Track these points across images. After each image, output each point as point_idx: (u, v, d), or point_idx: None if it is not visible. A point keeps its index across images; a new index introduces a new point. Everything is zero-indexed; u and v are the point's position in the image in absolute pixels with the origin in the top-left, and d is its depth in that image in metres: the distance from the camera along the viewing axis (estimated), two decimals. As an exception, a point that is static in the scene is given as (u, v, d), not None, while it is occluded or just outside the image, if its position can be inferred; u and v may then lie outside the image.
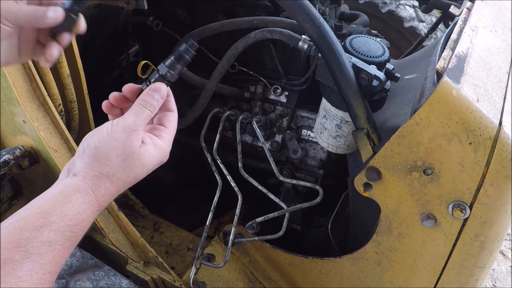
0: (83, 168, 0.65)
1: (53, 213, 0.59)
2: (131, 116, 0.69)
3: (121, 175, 0.66)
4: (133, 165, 0.67)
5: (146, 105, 0.71)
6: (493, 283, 2.32)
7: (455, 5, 1.36)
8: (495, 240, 0.96)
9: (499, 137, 0.82)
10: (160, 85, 0.74)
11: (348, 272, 1.22)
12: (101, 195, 0.64)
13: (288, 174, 1.42)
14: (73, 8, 0.74)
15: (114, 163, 0.65)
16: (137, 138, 0.67)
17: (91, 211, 0.63)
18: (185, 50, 0.78)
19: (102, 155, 0.65)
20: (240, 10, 1.42)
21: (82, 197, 0.62)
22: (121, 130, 0.67)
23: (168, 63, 0.78)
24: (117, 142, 0.66)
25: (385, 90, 0.99)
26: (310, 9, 0.90)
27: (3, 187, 1.29)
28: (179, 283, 1.25)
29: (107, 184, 0.65)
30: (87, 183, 0.64)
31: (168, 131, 0.74)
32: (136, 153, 0.67)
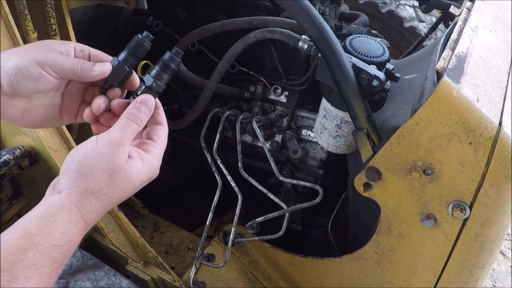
0: (68, 184, 0.62)
1: (38, 234, 0.56)
2: (117, 130, 0.65)
3: (107, 191, 0.63)
4: (120, 180, 0.64)
5: (133, 118, 0.67)
6: (493, 283, 2.32)
7: (455, 5, 1.36)
8: (495, 240, 0.96)
9: (499, 137, 0.82)
10: (147, 97, 0.70)
11: (348, 272, 1.22)
12: (86, 212, 0.61)
13: (288, 174, 1.42)
14: (129, 61, 0.72)
15: (100, 178, 0.62)
16: (123, 152, 0.64)
17: (77, 229, 0.60)
18: (170, 59, 0.73)
19: (86, 170, 0.62)
20: (240, 10, 1.42)
21: (67, 215, 0.59)
22: (106, 144, 0.64)
23: (154, 74, 0.73)
24: (102, 157, 0.63)
25: (385, 90, 0.99)
26: (310, 9, 0.90)
27: (3, 187, 1.29)
28: (179, 283, 1.25)
29: (93, 201, 0.62)
30: (72, 200, 0.61)
31: (157, 145, 0.70)
32: (123, 168, 0.63)
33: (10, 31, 1.04)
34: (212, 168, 1.33)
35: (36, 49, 0.68)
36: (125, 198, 0.67)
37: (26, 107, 0.70)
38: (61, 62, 0.68)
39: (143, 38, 0.72)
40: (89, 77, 0.69)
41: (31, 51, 0.67)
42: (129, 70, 0.72)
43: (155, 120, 0.73)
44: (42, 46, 0.69)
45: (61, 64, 0.68)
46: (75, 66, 0.68)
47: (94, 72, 0.69)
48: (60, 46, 0.69)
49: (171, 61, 0.73)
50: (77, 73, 0.69)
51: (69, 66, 0.68)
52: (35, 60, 0.66)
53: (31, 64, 0.66)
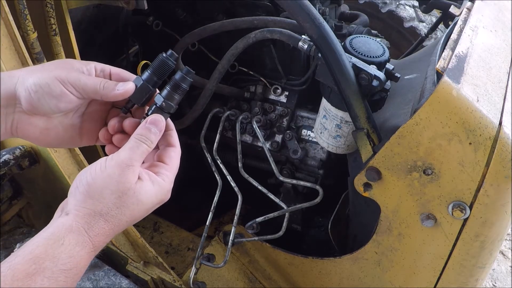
0: (75, 206, 0.61)
1: (45, 258, 0.55)
2: (126, 151, 0.64)
3: (115, 213, 0.61)
4: (129, 202, 0.62)
5: (142, 139, 0.66)
6: (493, 283, 2.32)
7: (455, 5, 1.36)
8: (495, 240, 0.96)
9: (499, 137, 0.82)
10: (157, 117, 0.68)
11: (348, 272, 1.22)
12: (94, 234, 0.60)
13: (288, 174, 1.42)
14: (152, 80, 0.70)
15: (108, 200, 0.61)
16: (132, 174, 0.62)
17: (85, 252, 0.59)
18: (181, 79, 0.71)
19: (95, 192, 0.61)
20: (240, 10, 1.42)
21: (75, 238, 0.58)
22: (115, 165, 0.62)
23: (165, 94, 0.70)
24: (111, 179, 0.61)
25: (385, 90, 0.99)
26: (310, 9, 0.90)
27: (3, 187, 1.29)
28: (179, 283, 1.25)
29: (101, 223, 0.60)
30: (80, 222, 0.59)
31: (168, 168, 0.68)
32: (132, 190, 0.62)
33: (10, 31, 1.04)
34: (212, 168, 1.33)
35: (58, 67, 0.67)
36: (135, 221, 0.65)
37: (45, 126, 0.69)
38: (83, 81, 0.67)
39: (168, 57, 0.71)
40: (112, 96, 0.68)
41: (52, 69, 0.66)
42: (153, 89, 0.71)
43: (167, 142, 0.71)
44: (64, 64, 0.69)
45: (83, 83, 0.67)
46: (97, 85, 0.67)
47: (116, 91, 0.68)
48: (82, 66, 0.69)
49: (182, 81, 0.71)
50: (99, 92, 0.68)
51: (91, 85, 0.67)
52: (57, 78, 0.65)
53: (52, 81, 0.65)
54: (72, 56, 1.25)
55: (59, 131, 0.70)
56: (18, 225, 1.37)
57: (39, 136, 0.69)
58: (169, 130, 0.72)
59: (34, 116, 0.67)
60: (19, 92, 0.65)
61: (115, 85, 0.68)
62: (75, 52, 1.26)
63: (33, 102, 0.65)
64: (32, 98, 0.65)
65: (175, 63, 0.72)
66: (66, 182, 1.17)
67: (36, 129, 0.68)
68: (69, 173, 1.18)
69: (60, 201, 0.71)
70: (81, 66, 0.69)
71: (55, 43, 1.16)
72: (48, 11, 1.13)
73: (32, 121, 0.67)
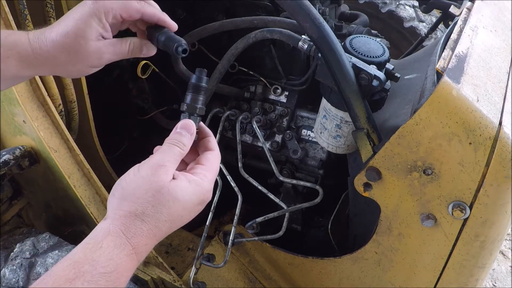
0: (112, 210, 0.61)
1: (84, 263, 0.54)
2: (158, 154, 0.65)
3: (151, 212, 0.61)
4: (164, 200, 0.61)
5: (174, 142, 0.67)
6: (493, 283, 2.32)
7: (455, 5, 1.36)
8: (495, 240, 0.96)
9: (499, 137, 0.82)
10: (187, 122, 0.71)
11: (348, 272, 1.22)
12: (132, 235, 0.59)
13: (288, 174, 1.42)
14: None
15: (142, 199, 0.61)
16: (165, 173, 0.63)
17: (125, 255, 0.57)
18: (197, 80, 0.75)
19: (129, 193, 0.61)
20: (240, 10, 1.42)
21: (113, 241, 0.57)
22: (147, 167, 0.63)
23: (188, 99, 0.75)
24: (144, 179, 0.62)
25: (385, 90, 0.99)
26: (310, 9, 0.90)
27: (3, 187, 1.29)
28: (179, 283, 1.25)
29: (138, 223, 0.60)
30: (117, 224, 0.59)
31: (205, 168, 0.69)
32: (165, 188, 0.62)
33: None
34: (217, 171, 1.33)
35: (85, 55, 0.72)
36: (177, 222, 0.64)
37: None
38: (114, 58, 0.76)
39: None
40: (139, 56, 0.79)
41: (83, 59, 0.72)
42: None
43: (205, 147, 0.73)
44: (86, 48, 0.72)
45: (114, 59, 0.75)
46: (124, 54, 0.76)
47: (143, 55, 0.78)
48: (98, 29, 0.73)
49: (199, 81, 0.75)
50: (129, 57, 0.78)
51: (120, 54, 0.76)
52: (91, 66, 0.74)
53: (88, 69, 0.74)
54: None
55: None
56: (18, 225, 1.37)
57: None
58: (207, 137, 0.74)
59: None
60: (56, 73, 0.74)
61: (141, 50, 0.77)
62: (75, 52, 1.26)
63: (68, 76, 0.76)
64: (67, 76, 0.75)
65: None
66: (66, 182, 1.17)
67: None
68: (69, 173, 1.18)
69: (60, 201, 0.71)
70: (98, 31, 0.72)
71: (55, 43, 1.16)
72: (48, 11, 1.13)
73: None
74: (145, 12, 0.75)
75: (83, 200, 1.19)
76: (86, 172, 1.22)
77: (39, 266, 1.11)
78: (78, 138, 1.36)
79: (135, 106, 1.68)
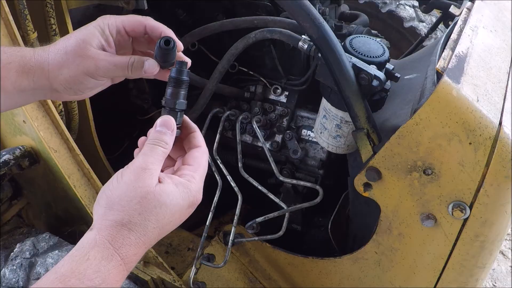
0: (97, 220, 0.59)
1: (71, 276, 0.52)
2: (140, 157, 0.62)
3: (138, 220, 0.58)
4: (150, 206, 0.59)
5: (155, 142, 0.64)
6: (493, 283, 2.32)
7: (455, 5, 1.36)
8: (495, 240, 0.96)
9: (499, 137, 0.82)
10: (165, 118, 0.67)
11: (348, 272, 1.22)
12: (119, 246, 0.56)
13: (288, 174, 1.42)
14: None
15: (128, 207, 0.58)
16: (150, 176, 0.60)
17: (113, 266, 0.55)
18: (177, 73, 0.70)
19: (114, 202, 0.58)
20: (240, 10, 1.42)
21: (100, 252, 0.55)
22: (130, 172, 0.60)
23: (169, 93, 0.70)
24: (128, 185, 0.59)
25: (385, 90, 0.99)
26: (310, 9, 0.90)
27: (3, 187, 1.29)
28: (179, 283, 1.25)
29: (125, 233, 0.57)
30: (103, 235, 0.56)
31: (192, 168, 0.66)
32: (151, 193, 0.59)
33: (10, 31, 1.04)
34: (212, 168, 1.33)
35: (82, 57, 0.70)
36: (166, 228, 0.62)
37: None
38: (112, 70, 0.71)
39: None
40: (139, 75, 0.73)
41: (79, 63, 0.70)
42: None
43: (191, 144, 0.70)
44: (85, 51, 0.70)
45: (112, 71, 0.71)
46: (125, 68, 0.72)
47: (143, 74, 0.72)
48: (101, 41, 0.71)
49: (179, 74, 0.70)
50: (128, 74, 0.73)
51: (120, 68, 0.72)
52: (86, 73, 0.70)
53: (83, 78, 0.70)
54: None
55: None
56: (18, 225, 1.37)
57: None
58: (192, 132, 0.71)
59: None
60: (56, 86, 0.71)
61: (142, 66, 0.71)
62: (75, 52, 1.26)
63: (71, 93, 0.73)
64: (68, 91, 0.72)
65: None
66: (66, 182, 1.17)
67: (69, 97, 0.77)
68: (69, 173, 1.18)
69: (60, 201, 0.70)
70: (100, 42, 0.71)
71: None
72: (48, 11, 1.13)
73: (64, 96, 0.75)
74: (148, 24, 0.73)
75: (83, 200, 1.19)
76: (86, 172, 1.22)
77: (39, 266, 1.11)
78: (78, 138, 1.36)
79: (135, 106, 1.68)
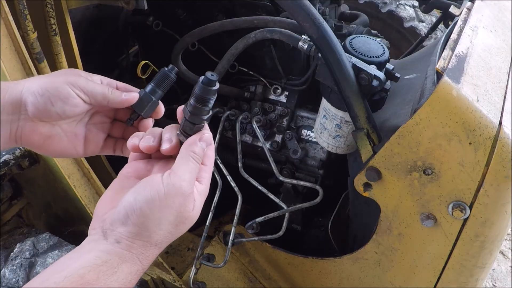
0: (128, 236, 0.57)
1: (97, 285, 0.53)
2: (186, 175, 0.60)
3: (169, 239, 0.60)
4: (183, 228, 0.62)
5: (198, 159, 0.63)
6: (493, 283, 2.32)
7: (455, 5, 1.36)
8: (495, 240, 0.96)
9: (499, 137, 0.82)
10: (210, 136, 0.66)
11: (348, 272, 1.22)
12: (146, 261, 0.58)
13: (288, 174, 1.42)
14: (155, 92, 0.72)
15: (165, 230, 0.59)
16: (192, 202, 0.61)
17: (136, 279, 0.58)
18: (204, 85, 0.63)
19: (152, 224, 0.57)
20: (240, 10, 1.42)
21: (129, 268, 0.56)
22: (176, 194, 0.58)
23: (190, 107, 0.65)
24: (171, 209, 0.58)
25: (385, 90, 0.99)
26: (310, 9, 0.90)
27: (3, 187, 1.29)
28: (179, 283, 1.25)
29: (155, 250, 0.59)
30: (134, 253, 0.57)
31: (207, 169, 0.66)
32: (189, 218, 0.61)
33: (10, 31, 1.04)
34: (212, 168, 1.33)
35: (66, 74, 0.68)
36: None
37: (49, 134, 0.68)
38: (92, 85, 0.68)
39: (169, 70, 0.73)
40: (118, 101, 0.69)
41: (61, 75, 0.68)
42: (155, 100, 0.72)
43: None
44: (72, 71, 0.70)
45: (92, 87, 0.68)
46: (105, 90, 0.69)
47: (123, 97, 0.70)
48: (88, 75, 0.70)
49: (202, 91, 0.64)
50: (108, 97, 0.68)
51: (100, 90, 0.68)
52: (65, 81, 0.66)
53: (60, 84, 0.65)
54: (72, 56, 1.25)
55: (63, 139, 0.70)
56: (18, 225, 1.37)
57: (42, 144, 0.68)
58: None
59: (39, 123, 0.67)
60: (25, 97, 0.65)
61: (121, 94, 0.70)
62: (75, 52, 1.26)
63: (39, 106, 0.65)
64: (38, 102, 0.64)
65: (176, 76, 0.73)
66: (66, 182, 1.17)
67: (40, 136, 0.68)
68: (69, 173, 1.18)
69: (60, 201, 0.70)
70: (88, 75, 0.70)
71: (55, 43, 1.16)
72: (48, 11, 1.13)
73: (37, 128, 0.67)
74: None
75: (83, 200, 1.19)
76: (86, 172, 1.21)
77: (39, 266, 1.11)
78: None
79: (135, 106, 1.68)
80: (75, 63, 1.26)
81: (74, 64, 1.25)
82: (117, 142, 0.76)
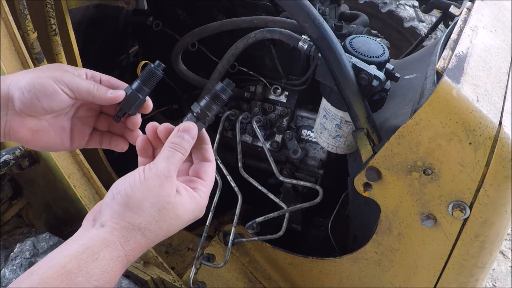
0: (112, 217, 0.58)
1: (78, 274, 0.52)
2: (163, 162, 0.62)
3: (154, 228, 0.59)
4: (167, 217, 0.60)
5: (176, 147, 0.64)
6: (493, 283, 2.32)
7: (455, 5, 1.36)
8: (495, 240, 0.96)
9: (499, 137, 0.82)
10: (189, 125, 0.67)
11: (348, 272, 1.22)
12: (130, 249, 0.57)
13: (288, 174, 1.42)
14: (142, 89, 0.72)
15: (148, 213, 0.59)
16: (171, 186, 0.61)
17: (119, 268, 0.56)
18: (221, 90, 0.70)
19: (133, 203, 0.58)
20: (240, 10, 1.42)
21: (110, 253, 0.55)
22: (154, 176, 0.60)
23: (203, 103, 0.70)
24: (151, 191, 0.59)
25: (385, 90, 0.99)
26: (310, 9, 0.90)
27: (3, 187, 1.29)
28: (179, 283, 1.25)
29: (138, 237, 0.58)
30: (116, 235, 0.57)
31: (205, 184, 0.67)
32: (171, 204, 0.60)
33: (10, 31, 1.04)
34: (215, 165, 1.33)
35: (52, 69, 0.68)
36: (169, 235, 0.63)
37: (37, 128, 0.69)
38: (77, 81, 0.68)
39: (156, 67, 0.72)
40: (104, 99, 0.69)
41: (46, 71, 0.68)
42: (142, 98, 0.72)
43: (203, 157, 0.70)
44: (57, 66, 0.70)
45: (77, 82, 0.68)
46: (91, 86, 0.69)
47: (108, 95, 0.69)
48: (74, 70, 0.70)
49: (222, 92, 0.70)
50: (93, 93, 0.68)
51: (85, 85, 0.68)
52: (51, 77, 0.66)
53: (46, 80, 0.66)
54: (72, 56, 1.25)
55: (50, 133, 0.70)
56: (18, 225, 1.37)
57: (31, 138, 0.69)
58: (205, 144, 0.71)
59: (26, 118, 0.67)
60: (13, 92, 0.65)
61: (107, 90, 0.70)
62: (75, 52, 1.26)
63: (26, 101, 0.65)
64: (25, 97, 0.65)
65: (162, 73, 0.73)
66: (66, 182, 1.17)
67: (28, 131, 0.68)
68: (69, 173, 1.18)
69: (60, 201, 0.70)
70: (73, 70, 0.70)
71: (55, 43, 1.16)
72: (48, 11, 1.13)
73: (25, 123, 0.67)
74: None
75: (83, 200, 1.19)
76: (86, 172, 1.22)
77: (39, 266, 1.11)
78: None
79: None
80: (75, 63, 1.26)
81: (74, 64, 1.25)
82: (104, 135, 0.76)
